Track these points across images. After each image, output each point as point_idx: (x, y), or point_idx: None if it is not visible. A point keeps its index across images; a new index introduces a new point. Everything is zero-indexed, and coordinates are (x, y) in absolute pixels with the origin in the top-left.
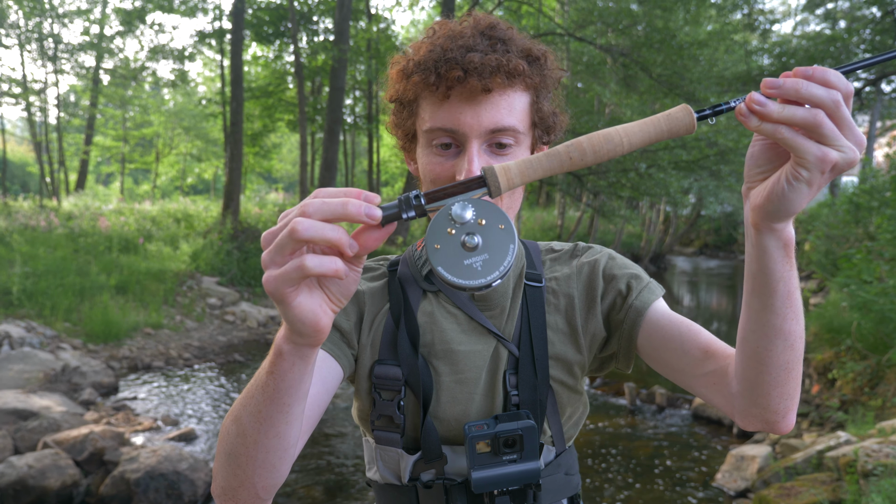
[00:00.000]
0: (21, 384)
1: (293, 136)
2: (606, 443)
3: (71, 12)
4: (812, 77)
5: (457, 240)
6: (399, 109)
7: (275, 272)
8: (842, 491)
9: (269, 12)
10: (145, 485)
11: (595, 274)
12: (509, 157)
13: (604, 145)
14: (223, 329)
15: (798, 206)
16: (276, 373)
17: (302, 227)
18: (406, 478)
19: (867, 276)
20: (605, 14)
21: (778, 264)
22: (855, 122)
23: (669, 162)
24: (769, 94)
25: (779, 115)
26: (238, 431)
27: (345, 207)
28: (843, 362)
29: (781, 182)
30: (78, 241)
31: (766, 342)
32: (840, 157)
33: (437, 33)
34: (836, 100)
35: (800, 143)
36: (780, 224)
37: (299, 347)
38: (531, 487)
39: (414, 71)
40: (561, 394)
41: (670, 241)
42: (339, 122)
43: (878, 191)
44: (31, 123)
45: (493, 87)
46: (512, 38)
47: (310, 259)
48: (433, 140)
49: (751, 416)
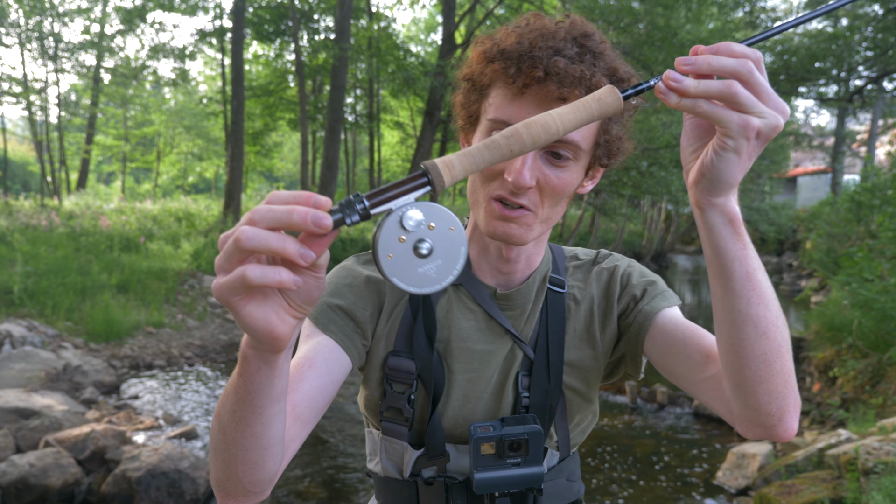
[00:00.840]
0: (23, 383)
1: (294, 135)
2: (607, 441)
3: (71, 11)
4: (719, 51)
5: (408, 247)
6: (469, 90)
7: (221, 279)
8: (842, 489)
9: (269, 11)
10: (147, 483)
11: (613, 280)
12: (564, 171)
13: (541, 134)
14: (224, 328)
15: (731, 175)
16: (245, 375)
17: (245, 236)
18: (407, 472)
19: (868, 275)
20: (607, 12)
21: (728, 242)
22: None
23: (671, 160)
24: (684, 70)
25: (695, 90)
26: (219, 429)
27: (289, 216)
28: (844, 360)
29: (710, 153)
30: (79, 240)
31: (735, 330)
32: (762, 122)
33: (531, 26)
34: (747, 67)
35: (720, 114)
36: (719, 198)
37: (261, 353)
38: (532, 491)
39: (497, 57)
40: (572, 400)
41: (672, 239)
42: (340, 121)
43: (879, 189)
44: (32, 123)
45: (570, 98)
46: (603, 52)
47: (251, 270)
48: (494, 130)
49: (747, 421)
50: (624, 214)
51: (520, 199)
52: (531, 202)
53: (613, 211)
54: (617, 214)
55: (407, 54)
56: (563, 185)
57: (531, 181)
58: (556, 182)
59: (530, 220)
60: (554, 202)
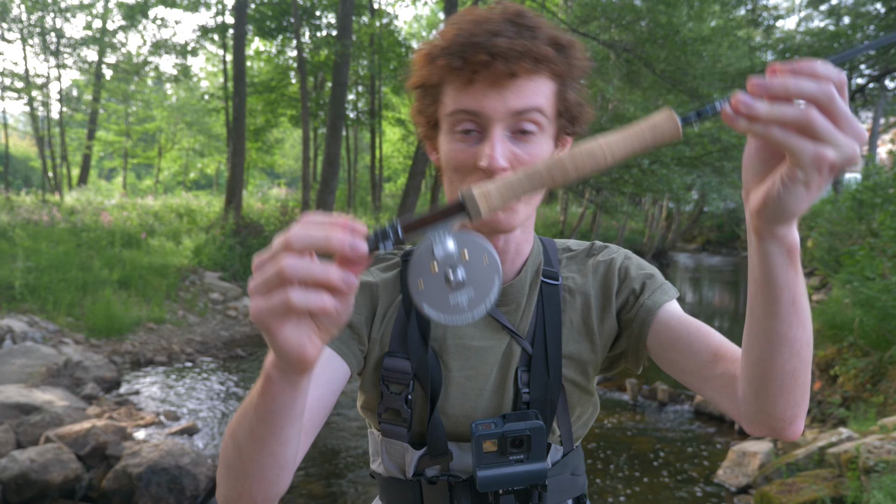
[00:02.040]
0: (23, 378)
1: (296, 132)
2: (608, 438)
3: (73, 6)
4: (800, 71)
5: (440, 276)
6: (422, 95)
7: (262, 304)
8: (843, 487)
9: (271, 7)
10: (147, 479)
11: (611, 273)
12: (533, 146)
13: (587, 162)
14: (225, 324)
15: (798, 208)
16: (267, 395)
17: (290, 268)
18: (410, 472)
19: (870, 273)
20: (609, 9)
21: (781, 270)
22: (857, 118)
23: (672, 158)
24: (757, 94)
25: (767, 115)
26: (234, 447)
27: (328, 241)
28: (845, 359)
29: (777, 184)
30: (80, 235)
31: (770, 349)
32: (837, 154)
33: (465, 18)
34: (828, 93)
35: (793, 143)
36: (782, 228)
37: (287, 374)
38: (537, 487)
39: (439, 55)
40: (572, 393)
41: (673, 237)
42: (341, 118)
43: (881, 187)
44: (34, 118)
45: (519, 73)
46: (539, 25)
47: (296, 295)
48: (456, 125)
49: (757, 423)
50: (625, 212)
51: None
52: None
53: (615, 209)
54: (618, 212)
55: (409, 51)
56: (534, 159)
57: (505, 162)
58: (528, 157)
59: (513, 203)
60: None
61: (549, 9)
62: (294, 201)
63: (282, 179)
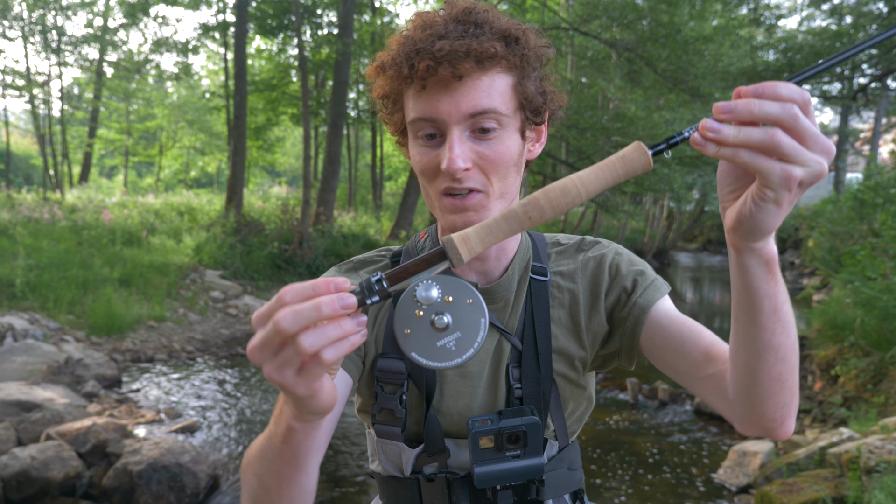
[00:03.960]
0: (24, 376)
1: (297, 130)
2: (608, 438)
3: (74, 4)
4: (762, 94)
5: (426, 321)
6: (386, 105)
7: (300, 380)
8: (844, 487)
9: (272, 5)
10: (148, 477)
11: (601, 270)
12: (494, 142)
13: (561, 199)
14: (226, 322)
15: (770, 225)
16: (291, 443)
17: (308, 342)
18: (408, 471)
19: (871, 273)
20: (611, 8)
21: (762, 282)
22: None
23: (674, 157)
24: (722, 118)
25: (735, 140)
26: (260, 484)
27: (319, 311)
28: (846, 359)
29: (749, 203)
30: (81, 233)
31: (756, 356)
32: (805, 172)
33: (414, 24)
34: (792, 114)
35: (761, 165)
36: (758, 243)
37: (310, 421)
38: (534, 483)
39: (390, 65)
40: (564, 388)
41: (674, 237)
42: (342, 116)
43: (882, 187)
44: (35, 116)
45: (464, 73)
46: (488, 20)
47: (327, 353)
48: (418, 132)
49: (749, 424)
50: (626, 212)
51: (466, 184)
52: (478, 183)
53: (615, 208)
54: (619, 212)
55: None
56: (500, 155)
57: (465, 163)
58: (493, 154)
59: (484, 200)
60: (501, 175)
61: (551, 7)
62: (295, 200)
63: (283, 178)
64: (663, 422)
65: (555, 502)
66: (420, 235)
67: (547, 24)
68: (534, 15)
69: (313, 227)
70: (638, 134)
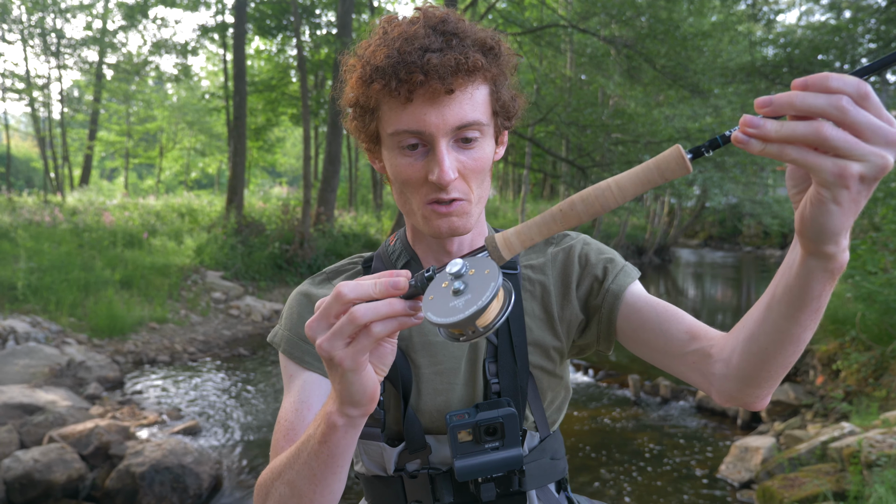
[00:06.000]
0: (27, 379)
1: (297, 131)
2: (610, 434)
3: (73, 7)
4: (808, 86)
5: (448, 290)
6: (360, 114)
7: (349, 350)
8: (845, 482)
9: (271, 6)
10: (150, 478)
11: (570, 261)
12: (477, 150)
13: (597, 205)
14: (228, 323)
15: (834, 227)
16: (330, 443)
17: (360, 312)
18: (391, 469)
19: (872, 267)
20: (609, 5)
21: (818, 285)
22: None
23: None
24: (764, 112)
25: (777, 135)
26: (292, 493)
27: (374, 287)
28: (847, 353)
29: (807, 206)
30: (82, 236)
31: (777, 346)
32: (863, 167)
33: (390, 35)
34: (838, 105)
35: (811, 161)
36: (828, 247)
37: (354, 417)
38: (515, 473)
39: (374, 77)
40: (542, 379)
41: (675, 233)
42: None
43: (883, 181)
44: (35, 119)
45: (456, 87)
46: (464, 30)
47: (377, 327)
48: (400, 143)
49: (731, 398)
50: (627, 208)
51: (451, 194)
52: (461, 191)
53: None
54: (620, 208)
55: None
56: (480, 164)
57: (454, 174)
58: (474, 164)
59: (467, 207)
60: (479, 181)
61: (549, 5)
62: (295, 200)
63: (283, 178)
64: (665, 418)
65: (538, 492)
66: (390, 240)
67: (545, 22)
68: (533, 13)
69: (314, 227)
70: (638, 130)
